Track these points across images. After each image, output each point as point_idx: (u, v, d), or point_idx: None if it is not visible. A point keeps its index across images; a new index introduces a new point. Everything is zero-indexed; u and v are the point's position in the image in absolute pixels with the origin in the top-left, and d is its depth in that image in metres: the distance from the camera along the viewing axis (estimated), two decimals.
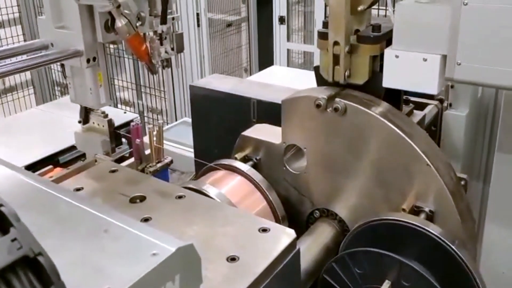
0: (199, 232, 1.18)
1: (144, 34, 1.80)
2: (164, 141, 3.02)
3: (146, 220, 1.23)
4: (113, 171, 1.48)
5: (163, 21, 1.72)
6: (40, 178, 1.06)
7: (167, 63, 1.80)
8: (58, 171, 1.77)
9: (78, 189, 1.39)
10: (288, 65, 5.15)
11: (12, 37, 4.48)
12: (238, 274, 1.05)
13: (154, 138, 2.07)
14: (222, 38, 5.03)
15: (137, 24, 1.65)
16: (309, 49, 4.84)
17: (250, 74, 5.09)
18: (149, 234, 0.83)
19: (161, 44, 1.74)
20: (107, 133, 2.09)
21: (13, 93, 4.59)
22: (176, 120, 4.28)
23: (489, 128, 2.35)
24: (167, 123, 4.24)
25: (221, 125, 2.35)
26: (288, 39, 5.10)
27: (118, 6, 1.55)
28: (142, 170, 2.15)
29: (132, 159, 2.14)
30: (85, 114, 2.13)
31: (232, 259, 1.09)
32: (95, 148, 2.09)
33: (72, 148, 2.55)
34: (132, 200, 1.32)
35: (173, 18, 1.78)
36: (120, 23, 1.58)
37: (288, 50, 5.12)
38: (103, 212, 0.90)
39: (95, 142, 2.08)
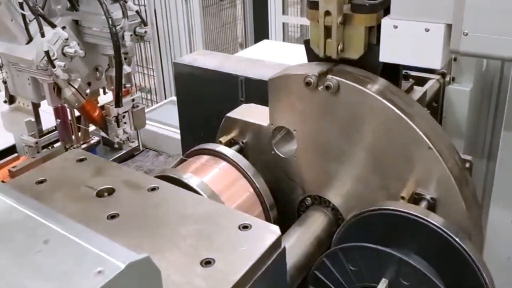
0: (170, 231, 1.04)
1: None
2: (150, 122, 2.90)
3: (112, 217, 1.11)
4: (81, 160, 1.34)
5: (118, 103, 1.53)
6: None
7: (128, 139, 1.65)
8: (24, 160, 1.63)
9: (40, 182, 1.26)
10: (284, 40, 4.97)
11: None
12: (213, 281, 0.92)
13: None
14: (216, 12, 4.84)
15: (88, 90, 1.44)
16: (307, 22, 4.63)
17: None
18: (97, 245, 0.69)
19: (118, 126, 1.57)
20: (32, 113, 1.96)
21: None
22: (165, 98, 4.12)
23: (494, 104, 2.24)
24: (156, 102, 4.07)
25: (207, 105, 2.21)
26: (283, 12, 4.91)
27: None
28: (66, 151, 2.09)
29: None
30: (10, 94, 1.96)
31: (207, 262, 0.96)
32: (20, 129, 1.98)
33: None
34: (99, 194, 1.19)
35: (133, 100, 1.61)
36: (66, 93, 1.39)
37: (283, 23, 4.94)
38: (48, 216, 0.77)
39: (20, 123, 1.96)
